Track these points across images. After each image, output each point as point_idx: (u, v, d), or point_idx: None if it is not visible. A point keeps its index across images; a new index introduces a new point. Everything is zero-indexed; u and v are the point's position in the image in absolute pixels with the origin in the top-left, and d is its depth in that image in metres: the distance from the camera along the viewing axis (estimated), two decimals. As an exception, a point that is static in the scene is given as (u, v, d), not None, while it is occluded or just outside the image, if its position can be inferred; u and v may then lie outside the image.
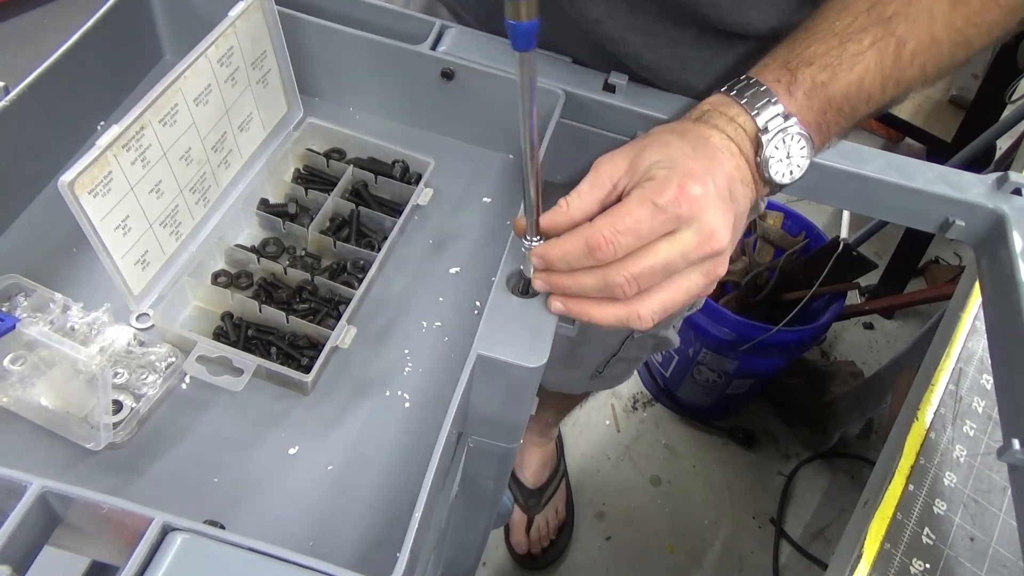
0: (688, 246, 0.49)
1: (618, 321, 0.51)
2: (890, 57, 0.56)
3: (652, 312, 0.50)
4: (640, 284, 0.49)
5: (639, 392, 1.92)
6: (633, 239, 0.48)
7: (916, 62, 0.56)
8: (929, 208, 0.60)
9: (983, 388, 0.75)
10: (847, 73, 0.55)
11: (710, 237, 0.49)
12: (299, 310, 0.58)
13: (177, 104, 0.54)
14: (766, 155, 0.54)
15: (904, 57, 0.56)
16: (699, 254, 0.49)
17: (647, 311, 0.50)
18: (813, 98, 0.55)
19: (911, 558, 0.63)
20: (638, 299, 0.50)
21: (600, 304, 0.51)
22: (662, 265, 0.49)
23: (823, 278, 1.56)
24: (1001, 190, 0.59)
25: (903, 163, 0.60)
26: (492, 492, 0.67)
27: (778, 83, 0.55)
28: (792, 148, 0.55)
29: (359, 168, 0.66)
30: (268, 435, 0.53)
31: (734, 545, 1.69)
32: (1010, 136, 1.79)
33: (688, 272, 0.51)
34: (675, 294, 0.51)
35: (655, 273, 0.49)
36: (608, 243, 0.48)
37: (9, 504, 0.38)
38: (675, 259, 0.49)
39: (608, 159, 0.53)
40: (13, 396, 0.49)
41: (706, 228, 0.49)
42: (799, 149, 0.55)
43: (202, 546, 0.38)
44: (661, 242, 0.49)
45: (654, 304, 0.50)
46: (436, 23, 0.68)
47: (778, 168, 0.55)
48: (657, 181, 0.49)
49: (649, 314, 0.50)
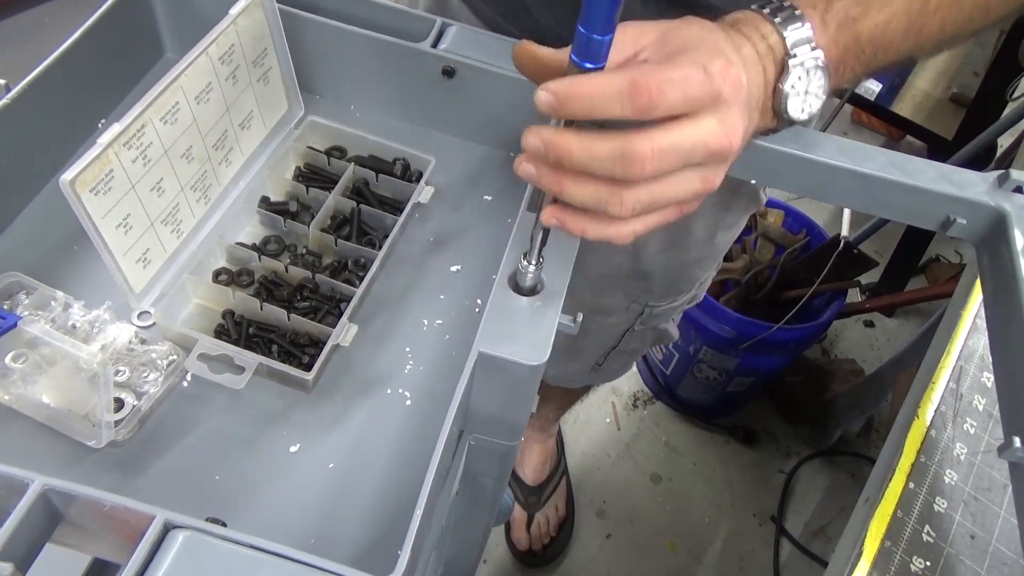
0: (710, 134, 0.44)
1: (597, 202, 0.45)
2: (917, 4, 0.53)
3: (638, 201, 0.45)
4: (661, 165, 0.43)
5: (640, 390, 1.92)
6: (680, 98, 0.42)
7: (938, 16, 0.55)
8: (930, 206, 0.60)
9: (984, 386, 0.75)
10: (877, 13, 0.53)
11: (732, 132, 0.44)
12: (300, 308, 0.58)
13: (178, 102, 0.54)
14: (787, 84, 0.50)
15: (929, 8, 0.54)
16: (712, 148, 0.44)
17: (631, 198, 0.44)
18: (842, 33, 0.52)
19: (911, 556, 0.63)
20: (625, 186, 0.44)
21: (595, 219, 0.47)
22: (688, 147, 0.43)
23: (824, 276, 1.56)
24: (1002, 188, 0.59)
25: (904, 161, 0.60)
26: (493, 490, 0.67)
27: (813, 9, 0.51)
28: (812, 83, 0.51)
29: (360, 166, 0.66)
30: (269, 433, 0.53)
31: (735, 543, 1.70)
32: (1011, 134, 1.79)
33: (686, 172, 0.45)
34: (668, 191, 0.45)
35: (677, 156, 0.43)
36: (657, 90, 0.41)
37: (11, 502, 0.38)
38: (697, 146, 0.44)
39: (635, 25, 0.47)
40: (15, 394, 0.50)
41: (730, 121, 0.44)
42: (818, 86, 0.52)
43: (204, 544, 0.38)
44: (686, 121, 0.43)
45: (642, 194, 0.45)
46: (437, 21, 0.68)
47: (795, 102, 0.52)
48: (703, 51, 0.44)
49: (633, 202, 0.45)
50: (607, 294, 0.98)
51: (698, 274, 1.02)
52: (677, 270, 0.97)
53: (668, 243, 0.91)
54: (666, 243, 0.91)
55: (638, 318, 1.04)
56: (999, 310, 0.56)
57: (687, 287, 1.03)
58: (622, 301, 1.00)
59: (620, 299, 1.00)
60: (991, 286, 0.59)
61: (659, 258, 0.93)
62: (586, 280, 0.95)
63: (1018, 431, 0.49)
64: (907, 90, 2.15)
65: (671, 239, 0.91)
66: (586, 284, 0.96)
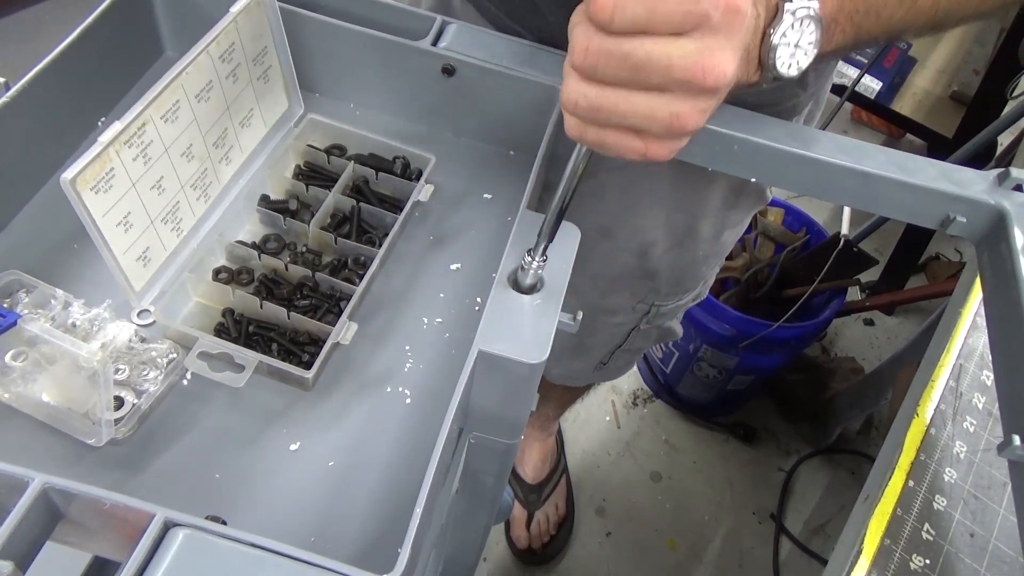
0: (678, 57, 0.40)
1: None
2: None
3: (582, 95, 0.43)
4: (598, 64, 0.41)
5: (639, 388, 1.92)
6: (643, 12, 0.39)
7: None
8: (930, 204, 0.60)
9: (983, 384, 0.75)
10: None
11: (711, 64, 0.41)
12: (300, 306, 0.58)
13: (179, 100, 0.54)
14: (779, 33, 0.47)
15: None
16: (676, 74, 0.41)
17: (572, 88, 0.43)
18: None
19: (911, 554, 0.63)
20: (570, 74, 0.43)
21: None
22: (639, 59, 0.40)
23: (824, 274, 1.56)
24: (1002, 186, 0.59)
25: (904, 159, 0.60)
26: (493, 488, 0.67)
27: None
28: (804, 36, 0.48)
29: (360, 164, 0.66)
30: (269, 431, 0.53)
31: (734, 541, 1.70)
32: (1011, 132, 1.79)
33: (650, 94, 0.42)
34: (619, 103, 0.43)
35: (625, 64, 0.41)
36: (608, 1, 0.39)
37: (11, 500, 0.38)
38: (653, 63, 0.40)
39: None
40: (15, 392, 0.50)
41: (713, 51, 0.41)
42: (809, 40, 0.49)
43: (204, 542, 0.38)
44: (658, 37, 0.40)
45: (590, 91, 0.43)
46: (437, 19, 0.68)
47: (783, 54, 0.48)
48: None
49: (576, 95, 0.43)
50: (613, 294, 0.98)
51: (704, 272, 1.02)
52: (684, 269, 0.97)
53: (675, 242, 0.91)
54: (673, 242, 0.91)
55: (644, 317, 1.04)
56: (999, 308, 0.56)
57: (693, 285, 1.03)
58: (628, 301, 1.00)
59: (627, 299, 1.00)
60: (991, 284, 0.59)
61: (666, 257, 0.93)
62: (592, 280, 0.95)
63: (1018, 429, 0.49)
64: (907, 88, 2.15)
65: (677, 239, 0.91)
66: (592, 284, 0.96)
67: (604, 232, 0.89)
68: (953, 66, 2.23)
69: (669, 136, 0.45)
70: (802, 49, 0.49)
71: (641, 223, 0.88)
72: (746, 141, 0.58)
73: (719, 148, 0.59)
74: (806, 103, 0.82)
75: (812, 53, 0.50)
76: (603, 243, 0.90)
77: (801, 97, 0.79)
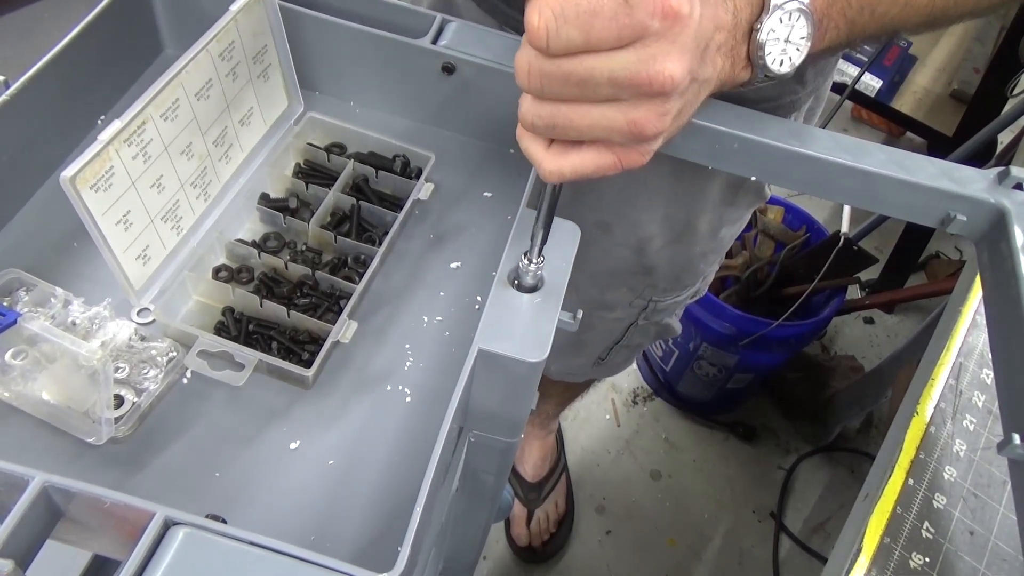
0: (621, 69, 0.40)
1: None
2: None
3: (536, 115, 0.43)
4: (544, 85, 0.42)
5: (639, 387, 1.92)
6: (579, 33, 0.39)
7: None
8: (930, 203, 0.60)
9: (983, 383, 0.75)
10: None
11: (657, 69, 0.40)
12: (300, 305, 0.58)
13: (179, 99, 0.54)
14: (765, 28, 0.46)
15: None
16: (623, 82, 0.40)
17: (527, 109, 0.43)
18: None
19: (911, 552, 0.63)
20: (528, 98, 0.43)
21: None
22: (582, 75, 0.40)
23: (824, 273, 1.57)
24: (1002, 185, 0.59)
25: (904, 158, 0.60)
26: (493, 486, 0.67)
27: None
28: (794, 30, 0.47)
29: (360, 163, 0.66)
30: (269, 430, 0.53)
31: (734, 539, 1.70)
32: (1011, 131, 1.79)
33: (604, 106, 0.42)
34: (576, 118, 0.42)
35: (567, 82, 0.41)
36: (542, 27, 0.39)
37: (11, 498, 0.38)
38: (596, 76, 0.40)
39: None
40: (15, 391, 0.50)
41: (657, 58, 0.40)
42: (800, 35, 0.48)
43: (204, 540, 0.38)
44: (600, 53, 0.40)
45: (542, 110, 0.43)
46: (437, 17, 0.68)
47: (773, 50, 0.47)
48: None
49: (531, 116, 0.43)
50: (611, 289, 0.98)
51: (702, 268, 1.02)
52: (682, 264, 0.97)
53: (672, 238, 0.91)
54: (670, 238, 0.91)
55: (642, 313, 1.04)
56: (999, 307, 0.56)
57: (691, 281, 1.03)
58: (626, 296, 1.00)
59: (624, 294, 1.00)
60: (991, 283, 0.59)
61: (663, 252, 0.93)
62: (590, 275, 0.96)
63: (1018, 428, 0.49)
64: (907, 86, 2.15)
65: (675, 234, 0.91)
66: (590, 279, 0.96)
67: (602, 227, 0.89)
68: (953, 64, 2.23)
69: (635, 142, 0.44)
70: (793, 44, 0.48)
71: (639, 217, 0.88)
72: (746, 139, 0.58)
73: (719, 146, 0.59)
74: (805, 99, 0.81)
75: (804, 48, 0.49)
76: (601, 238, 0.90)
77: (800, 93, 0.79)
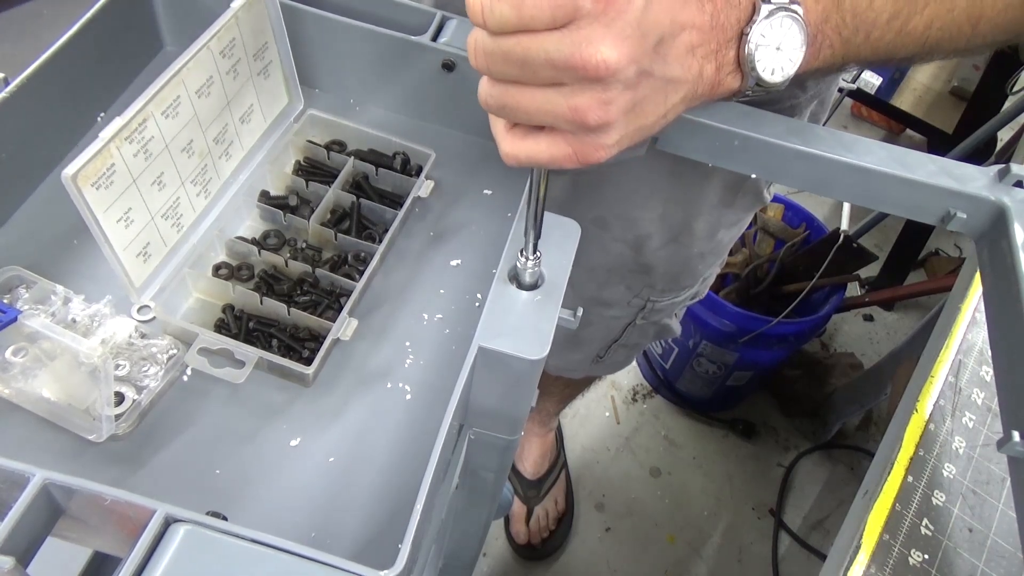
0: (554, 49, 0.39)
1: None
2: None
3: (489, 95, 0.43)
4: (490, 64, 0.41)
5: (639, 384, 1.92)
6: (510, 11, 0.39)
7: (927, 12, 0.51)
8: (930, 200, 0.60)
9: (983, 380, 0.75)
10: None
11: (590, 52, 0.39)
12: (300, 302, 0.58)
13: (179, 96, 0.54)
14: (755, 32, 0.45)
15: (919, 1, 0.51)
16: (557, 63, 0.40)
17: (484, 88, 0.43)
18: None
19: (910, 549, 0.63)
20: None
21: None
22: (519, 54, 0.40)
23: (823, 270, 1.57)
24: (1003, 182, 0.59)
25: (904, 155, 0.60)
26: (493, 484, 0.67)
27: None
28: (786, 38, 0.46)
29: (360, 160, 0.66)
30: (270, 427, 0.53)
31: (733, 536, 1.70)
32: (1011, 128, 1.79)
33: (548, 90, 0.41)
34: (522, 100, 0.42)
35: (508, 60, 0.40)
36: (477, 3, 0.39)
37: (12, 495, 0.38)
38: (531, 55, 0.40)
39: None
40: (15, 388, 0.50)
41: (591, 40, 0.39)
42: (793, 45, 0.46)
43: (205, 537, 0.38)
44: (538, 33, 0.40)
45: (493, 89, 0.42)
46: (437, 14, 0.68)
47: (764, 56, 0.45)
48: None
49: (484, 94, 0.43)
50: (609, 286, 0.99)
51: (701, 270, 1.02)
52: (680, 264, 0.97)
53: (670, 238, 0.91)
54: (668, 237, 0.91)
55: (640, 312, 1.04)
56: (999, 304, 0.56)
57: (690, 282, 1.03)
58: (624, 295, 1.00)
59: (622, 292, 1.00)
60: (991, 280, 0.59)
61: (661, 252, 0.93)
62: (588, 272, 0.96)
63: (1017, 425, 0.49)
64: (907, 84, 2.15)
65: (672, 234, 0.91)
66: (588, 276, 0.96)
67: (600, 223, 0.89)
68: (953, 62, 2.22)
69: (582, 131, 0.43)
70: (786, 53, 0.47)
71: (637, 215, 0.88)
72: (746, 137, 0.58)
73: (719, 144, 0.59)
74: (806, 104, 0.81)
75: (798, 59, 0.48)
76: (599, 234, 0.90)
77: (800, 98, 0.79)
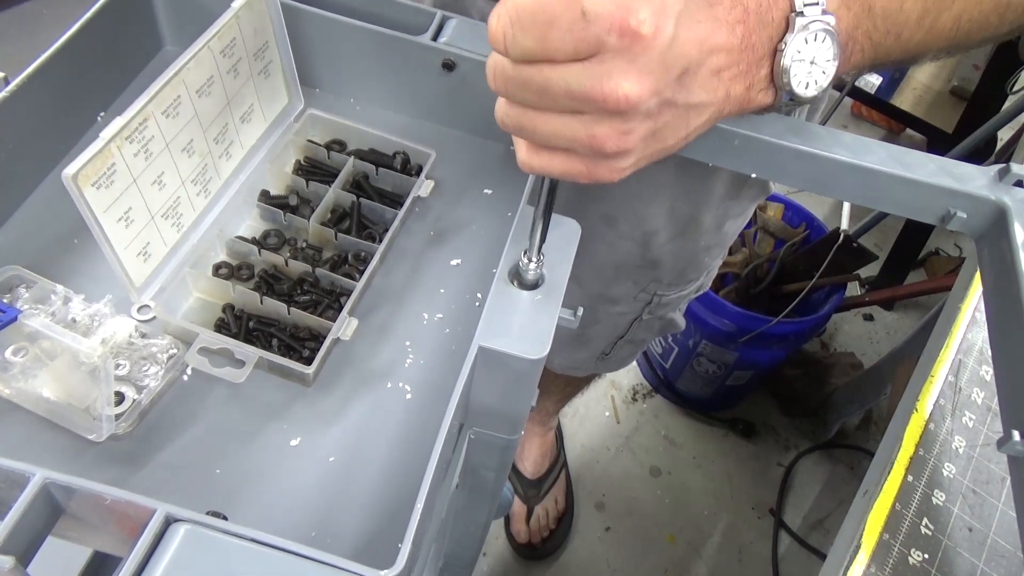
0: (575, 82, 0.39)
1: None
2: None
3: (506, 115, 0.42)
4: (508, 89, 0.41)
5: (639, 383, 1.92)
6: (535, 41, 0.38)
7: (956, 7, 0.51)
8: (930, 200, 0.60)
9: (982, 379, 0.75)
10: None
11: (610, 87, 0.39)
12: (300, 302, 0.58)
13: (180, 96, 0.54)
14: (791, 50, 0.44)
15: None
16: (577, 95, 0.39)
17: (500, 108, 0.43)
18: (855, 1, 0.47)
19: (910, 548, 0.63)
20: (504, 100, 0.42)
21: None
22: (539, 84, 0.39)
23: (823, 269, 1.57)
24: (1003, 182, 0.59)
25: (904, 155, 0.60)
26: (493, 483, 0.67)
27: None
28: (819, 52, 0.45)
29: (360, 159, 0.66)
30: (270, 427, 0.53)
31: (733, 535, 1.70)
32: (1011, 127, 1.79)
33: (566, 116, 0.41)
34: (540, 124, 0.42)
35: (529, 88, 0.40)
36: (499, 32, 0.39)
37: (12, 495, 0.38)
38: (551, 87, 0.39)
39: None
40: (15, 387, 0.50)
41: (612, 75, 0.39)
42: (826, 58, 0.46)
43: (205, 537, 0.38)
44: (558, 64, 0.39)
45: (511, 110, 0.42)
46: (437, 14, 0.68)
47: (799, 71, 0.45)
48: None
49: (501, 114, 0.43)
50: (616, 283, 0.99)
51: (707, 262, 1.02)
52: (686, 258, 0.98)
53: (677, 232, 0.91)
54: (675, 232, 0.91)
55: (646, 307, 1.04)
56: (999, 304, 0.56)
57: (695, 275, 1.03)
58: (631, 290, 1.00)
59: (629, 288, 1.00)
60: (991, 280, 0.59)
61: (668, 246, 0.93)
62: (595, 269, 0.96)
63: (1017, 425, 0.49)
64: (907, 83, 2.15)
65: (680, 228, 0.91)
66: (594, 273, 0.96)
67: (607, 220, 0.89)
68: (953, 61, 2.22)
69: (600, 157, 0.43)
70: (819, 67, 0.47)
71: (644, 211, 0.88)
72: (746, 136, 0.58)
73: (719, 143, 0.59)
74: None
75: (831, 71, 0.48)
76: (606, 232, 0.91)
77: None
